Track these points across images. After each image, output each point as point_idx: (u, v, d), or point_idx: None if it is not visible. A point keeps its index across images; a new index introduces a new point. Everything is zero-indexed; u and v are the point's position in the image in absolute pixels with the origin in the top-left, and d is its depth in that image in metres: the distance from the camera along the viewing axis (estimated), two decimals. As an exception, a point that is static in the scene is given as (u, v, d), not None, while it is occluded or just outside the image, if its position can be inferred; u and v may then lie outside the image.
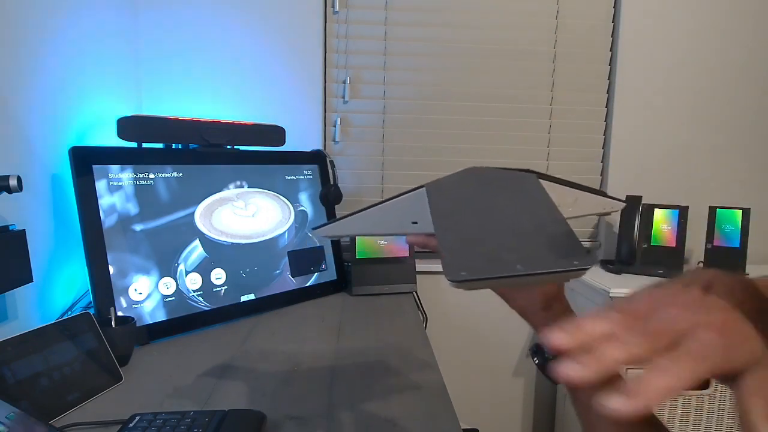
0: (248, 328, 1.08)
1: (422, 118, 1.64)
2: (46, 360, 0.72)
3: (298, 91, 1.57)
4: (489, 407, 1.76)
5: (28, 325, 0.77)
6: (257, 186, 1.24)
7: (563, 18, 1.64)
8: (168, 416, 0.66)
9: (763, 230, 1.67)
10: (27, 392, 0.68)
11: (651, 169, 1.70)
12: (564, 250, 0.37)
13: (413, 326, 1.12)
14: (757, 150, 1.73)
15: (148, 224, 1.03)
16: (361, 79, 1.62)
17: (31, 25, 0.97)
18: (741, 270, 1.48)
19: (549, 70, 1.66)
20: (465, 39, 1.62)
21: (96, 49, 1.23)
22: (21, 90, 0.94)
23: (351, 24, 1.59)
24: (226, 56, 1.52)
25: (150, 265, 1.02)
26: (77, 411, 0.72)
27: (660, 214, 1.58)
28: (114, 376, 0.80)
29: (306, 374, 0.86)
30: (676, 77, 1.67)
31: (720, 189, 1.71)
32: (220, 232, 1.14)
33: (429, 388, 0.82)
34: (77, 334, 0.79)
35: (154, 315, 1.01)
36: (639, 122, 1.67)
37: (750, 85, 1.69)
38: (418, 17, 1.61)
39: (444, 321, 1.66)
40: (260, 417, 0.68)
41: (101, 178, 0.98)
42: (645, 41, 1.65)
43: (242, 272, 1.16)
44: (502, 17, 1.63)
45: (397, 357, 0.95)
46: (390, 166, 1.65)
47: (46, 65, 1.02)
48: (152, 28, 1.49)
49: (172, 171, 1.10)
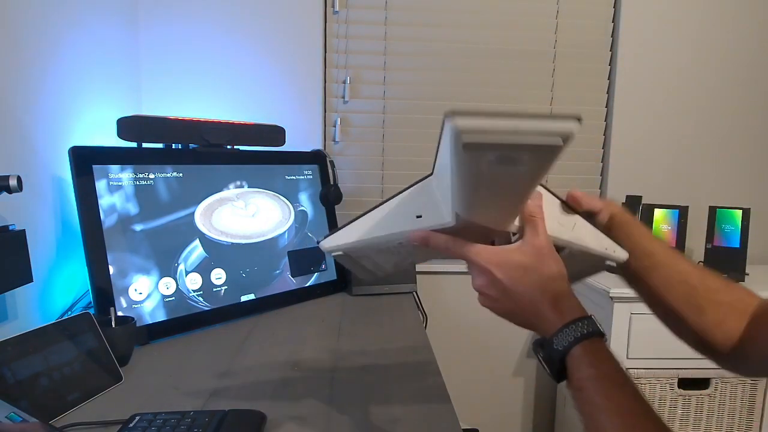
0: (248, 328, 1.07)
1: (422, 118, 1.64)
2: (46, 360, 0.72)
3: (298, 91, 1.57)
4: (489, 407, 1.76)
5: (28, 325, 0.77)
6: (257, 186, 1.24)
7: (563, 18, 1.64)
8: (168, 416, 0.66)
9: (763, 230, 1.67)
10: (27, 392, 0.68)
11: (651, 169, 1.70)
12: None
13: (413, 326, 1.12)
14: (757, 150, 1.73)
15: (148, 224, 1.03)
16: (361, 79, 1.62)
17: (32, 26, 0.97)
18: (741, 270, 1.48)
19: (549, 70, 1.66)
20: (465, 39, 1.62)
21: (96, 49, 1.23)
22: (21, 90, 0.94)
23: (351, 24, 1.59)
24: (227, 56, 1.52)
25: (150, 265, 1.02)
26: (77, 411, 0.72)
27: (660, 214, 1.58)
28: (114, 376, 0.80)
29: (306, 374, 0.86)
30: (676, 77, 1.67)
31: (720, 189, 1.71)
32: (220, 232, 1.14)
33: (429, 388, 0.82)
34: (77, 334, 0.78)
35: (154, 315, 1.01)
36: (639, 122, 1.67)
37: (750, 85, 1.69)
38: (418, 17, 1.61)
39: (444, 321, 1.66)
40: (260, 417, 0.68)
41: (101, 178, 0.98)
42: (645, 41, 1.65)
43: (242, 272, 1.16)
44: (502, 17, 1.63)
45: (397, 357, 0.95)
46: (390, 166, 1.65)
47: (47, 65, 1.02)
48: (153, 28, 1.49)
49: (172, 171, 1.10)
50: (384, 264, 0.62)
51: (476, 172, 0.42)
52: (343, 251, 0.58)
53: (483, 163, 0.40)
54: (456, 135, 0.38)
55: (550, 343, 0.48)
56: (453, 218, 0.52)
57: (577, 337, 0.46)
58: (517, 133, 0.38)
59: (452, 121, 0.37)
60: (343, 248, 0.58)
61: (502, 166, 0.40)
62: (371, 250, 0.58)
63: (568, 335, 0.47)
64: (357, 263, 0.61)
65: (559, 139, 0.38)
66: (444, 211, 0.53)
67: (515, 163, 0.40)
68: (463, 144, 0.38)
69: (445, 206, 0.53)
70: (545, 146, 0.39)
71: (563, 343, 0.47)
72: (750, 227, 1.49)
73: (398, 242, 0.56)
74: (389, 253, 0.58)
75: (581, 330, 0.47)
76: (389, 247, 0.57)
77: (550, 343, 0.48)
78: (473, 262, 0.52)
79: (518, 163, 0.40)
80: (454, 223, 0.52)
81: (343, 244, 0.58)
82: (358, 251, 0.58)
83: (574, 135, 0.38)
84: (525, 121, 0.38)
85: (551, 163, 0.42)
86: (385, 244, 0.57)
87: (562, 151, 0.39)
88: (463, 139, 0.37)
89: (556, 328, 0.48)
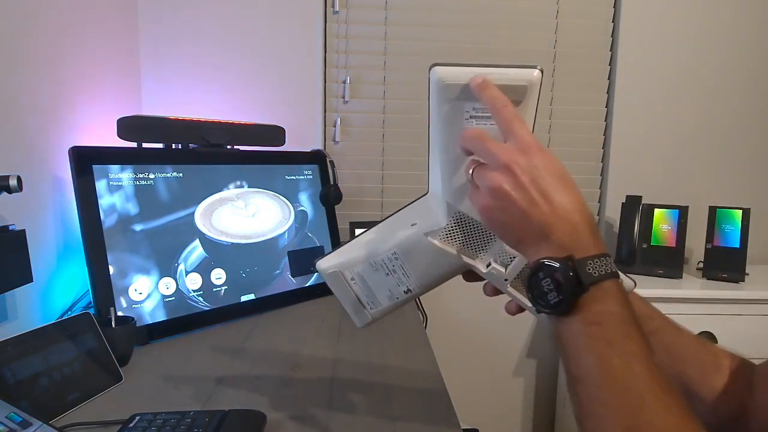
0: (248, 328, 1.07)
1: (422, 118, 1.63)
2: (46, 360, 0.72)
3: (298, 91, 1.57)
4: (489, 407, 1.76)
5: (28, 325, 0.77)
6: (257, 186, 1.24)
7: (563, 18, 1.64)
8: (168, 416, 0.66)
9: (763, 230, 1.67)
10: (27, 392, 0.68)
11: (651, 169, 1.70)
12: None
13: (413, 326, 1.12)
14: (757, 150, 1.73)
15: (148, 224, 1.03)
16: (361, 79, 1.62)
17: (32, 25, 0.97)
18: (741, 270, 1.48)
19: (549, 70, 1.66)
20: (465, 39, 1.62)
21: (96, 49, 1.23)
22: (21, 90, 0.94)
23: (351, 24, 1.59)
24: (227, 56, 1.52)
25: (150, 265, 1.02)
26: (77, 411, 0.72)
27: (660, 214, 1.58)
28: (114, 376, 0.80)
29: (306, 374, 0.86)
30: (676, 77, 1.67)
31: (720, 189, 1.71)
32: (220, 232, 1.14)
33: (429, 388, 0.82)
34: (77, 334, 0.78)
35: (154, 315, 1.01)
36: (639, 122, 1.67)
37: (750, 85, 1.69)
38: (418, 17, 1.61)
39: (444, 321, 1.66)
40: (260, 417, 0.68)
41: (101, 178, 0.98)
42: (645, 41, 1.65)
43: (242, 272, 1.16)
44: (502, 17, 1.63)
45: (397, 357, 0.95)
46: (390, 166, 1.65)
47: (47, 65, 1.02)
48: (153, 28, 1.49)
49: (172, 171, 1.10)
50: (377, 292, 0.59)
51: (457, 128, 0.49)
52: (338, 268, 0.58)
53: (460, 116, 0.49)
54: (437, 81, 0.48)
55: (583, 265, 0.41)
56: (446, 214, 0.54)
57: (613, 271, 0.42)
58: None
59: (433, 70, 0.48)
60: (338, 265, 0.58)
61: (478, 118, 0.49)
62: (365, 265, 0.57)
63: (605, 265, 0.41)
64: (349, 290, 0.59)
65: (524, 82, 0.47)
66: (439, 215, 0.55)
67: (489, 116, 0.47)
68: (439, 89, 0.48)
69: (440, 210, 0.55)
70: (509, 86, 0.47)
71: (600, 270, 0.41)
72: (750, 227, 1.49)
73: (392, 252, 0.56)
74: (383, 272, 0.57)
75: (613, 267, 0.42)
76: (384, 261, 0.57)
77: (581, 265, 0.41)
78: (513, 133, 0.44)
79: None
80: (445, 224, 0.54)
81: (337, 262, 0.58)
82: (353, 266, 0.57)
83: (535, 82, 0.48)
84: (492, 69, 0.47)
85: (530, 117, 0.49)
86: (381, 254, 0.56)
87: (527, 95, 0.48)
88: (442, 82, 0.48)
89: (592, 253, 0.42)
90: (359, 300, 0.59)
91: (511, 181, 0.43)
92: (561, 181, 0.44)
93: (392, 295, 0.59)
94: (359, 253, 0.58)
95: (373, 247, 0.57)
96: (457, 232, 0.55)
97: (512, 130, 0.45)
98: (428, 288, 0.59)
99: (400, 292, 0.58)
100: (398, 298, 0.59)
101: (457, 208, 0.54)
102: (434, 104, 0.50)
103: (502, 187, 0.44)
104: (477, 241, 0.55)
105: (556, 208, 0.43)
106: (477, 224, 0.54)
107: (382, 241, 0.57)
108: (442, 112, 0.50)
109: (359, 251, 0.58)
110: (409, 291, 0.58)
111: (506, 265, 0.54)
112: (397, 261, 0.57)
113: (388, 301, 0.59)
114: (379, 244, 0.57)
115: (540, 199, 0.43)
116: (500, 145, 0.45)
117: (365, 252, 0.57)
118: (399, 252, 0.56)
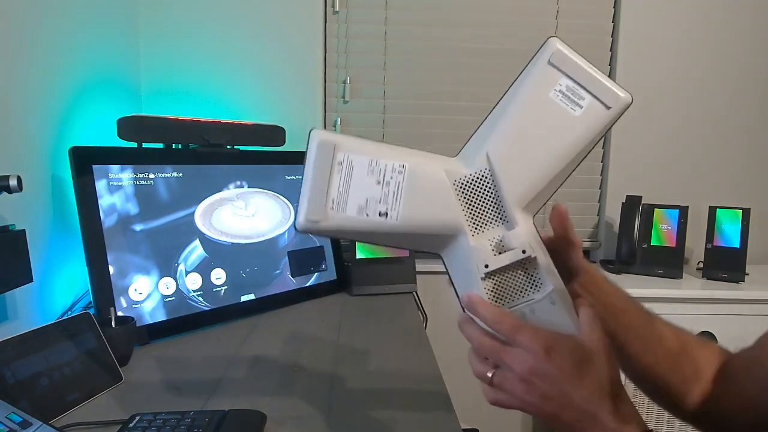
0: (248, 328, 1.07)
1: (422, 118, 1.64)
2: (46, 360, 0.72)
3: (298, 91, 1.57)
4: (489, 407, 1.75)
5: (28, 325, 0.77)
6: (257, 186, 1.24)
7: (563, 18, 1.64)
8: (168, 416, 0.66)
9: (763, 230, 1.66)
10: (27, 392, 0.68)
11: (651, 169, 1.70)
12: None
13: (413, 326, 1.12)
14: (757, 150, 1.73)
15: (148, 224, 1.03)
16: (361, 79, 1.62)
17: (31, 25, 0.97)
18: (741, 270, 1.48)
19: (549, 70, 1.66)
20: (465, 39, 1.62)
21: (96, 49, 1.23)
22: (22, 90, 0.94)
23: (351, 24, 1.59)
24: (227, 56, 1.52)
25: (150, 265, 1.02)
26: (77, 411, 0.72)
27: (660, 214, 1.58)
28: (114, 376, 0.80)
29: (306, 374, 0.86)
30: (676, 77, 1.67)
31: (720, 189, 1.71)
32: (220, 232, 1.14)
33: (429, 388, 0.82)
34: (77, 334, 0.78)
35: (154, 315, 1.01)
36: (639, 122, 1.67)
37: (750, 85, 1.69)
38: (418, 17, 1.61)
39: (444, 321, 1.65)
40: (260, 417, 0.68)
41: (101, 178, 0.98)
42: (645, 41, 1.65)
43: (242, 272, 1.16)
44: (502, 17, 1.63)
45: (397, 357, 0.95)
46: (390, 166, 1.65)
47: (47, 65, 1.02)
48: (153, 27, 1.49)
49: (172, 171, 1.10)
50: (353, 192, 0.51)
51: (542, 93, 0.51)
52: (336, 143, 0.52)
53: (551, 85, 0.51)
54: (550, 48, 0.51)
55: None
56: (475, 164, 0.53)
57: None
58: (591, 77, 0.51)
59: (555, 40, 0.51)
60: (337, 140, 0.53)
61: (563, 97, 0.51)
62: (364, 158, 0.52)
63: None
64: (326, 173, 0.52)
65: (617, 101, 0.51)
66: (469, 160, 0.54)
67: (573, 102, 0.50)
68: (551, 55, 0.50)
69: (475, 155, 0.53)
70: (601, 98, 0.50)
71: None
72: (750, 227, 1.49)
73: (401, 165, 0.51)
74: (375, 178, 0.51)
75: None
76: (385, 167, 0.51)
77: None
78: (520, 343, 0.46)
79: (576, 103, 0.50)
80: (468, 173, 0.52)
81: (337, 138, 0.53)
82: (351, 150, 0.52)
83: (627, 103, 0.52)
84: (602, 75, 0.51)
85: (600, 127, 0.51)
86: (388, 159, 0.52)
87: (611, 118, 0.51)
88: (553, 55, 0.50)
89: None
90: (328, 190, 0.51)
91: (534, 392, 0.46)
92: (578, 372, 0.45)
93: (365, 207, 0.51)
94: (367, 146, 0.52)
95: (385, 151, 0.52)
96: (474, 188, 0.51)
97: (517, 340, 0.46)
98: (403, 229, 0.51)
99: (374, 211, 0.51)
100: (368, 214, 0.51)
101: (492, 167, 0.51)
102: (533, 68, 0.52)
103: (525, 399, 0.47)
104: (483, 211, 0.51)
105: (579, 406, 0.45)
106: (494, 196, 0.51)
107: (396, 152, 0.52)
108: (535, 76, 0.52)
109: (368, 145, 0.53)
110: (384, 215, 0.50)
111: (499, 252, 0.50)
112: (399, 176, 0.51)
113: (356, 212, 0.51)
114: (392, 152, 0.52)
115: (563, 400, 0.45)
116: (513, 355, 0.47)
117: (373, 148, 0.52)
118: (407, 169, 0.51)
